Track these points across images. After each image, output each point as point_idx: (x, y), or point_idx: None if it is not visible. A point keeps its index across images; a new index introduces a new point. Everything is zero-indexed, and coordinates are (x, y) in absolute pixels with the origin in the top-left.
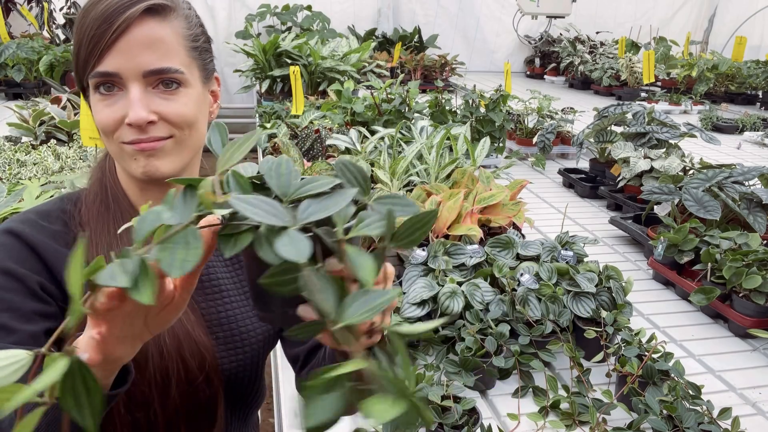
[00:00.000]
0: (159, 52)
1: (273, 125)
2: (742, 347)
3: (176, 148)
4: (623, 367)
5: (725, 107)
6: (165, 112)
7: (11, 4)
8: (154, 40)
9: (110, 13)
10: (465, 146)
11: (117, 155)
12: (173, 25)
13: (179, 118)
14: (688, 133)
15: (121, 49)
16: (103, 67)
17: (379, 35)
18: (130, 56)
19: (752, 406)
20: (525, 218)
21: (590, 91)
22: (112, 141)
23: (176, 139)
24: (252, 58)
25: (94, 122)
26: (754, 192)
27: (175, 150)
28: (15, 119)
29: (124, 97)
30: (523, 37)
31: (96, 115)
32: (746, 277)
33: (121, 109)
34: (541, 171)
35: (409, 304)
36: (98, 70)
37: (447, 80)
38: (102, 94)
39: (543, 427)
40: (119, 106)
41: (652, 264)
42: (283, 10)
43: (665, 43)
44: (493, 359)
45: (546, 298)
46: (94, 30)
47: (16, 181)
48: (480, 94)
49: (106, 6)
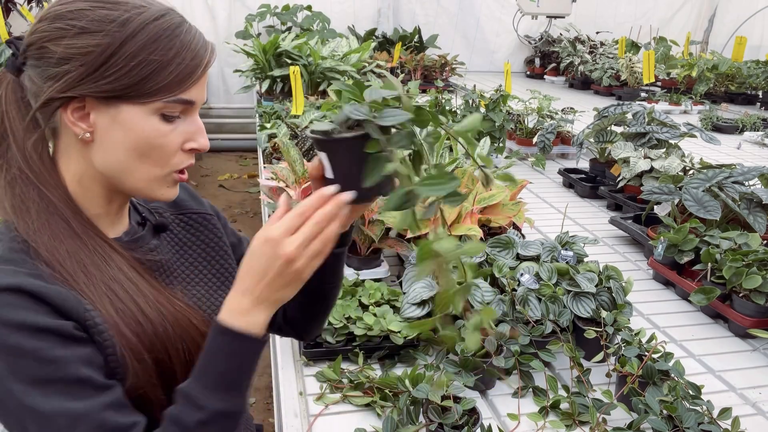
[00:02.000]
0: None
1: (273, 125)
2: (742, 347)
3: None
4: (623, 367)
5: (725, 107)
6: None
7: (11, 4)
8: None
9: (200, 48)
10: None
11: (151, 179)
12: None
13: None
14: (688, 133)
15: (200, 82)
16: (187, 95)
17: (379, 35)
18: (202, 89)
19: (752, 406)
20: (525, 218)
21: (590, 91)
22: (161, 165)
23: None
24: (252, 58)
25: (129, 142)
26: (754, 192)
27: None
28: None
29: (182, 123)
30: (523, 37)
31: (153, 138)
32: (746, 277)
33: (183, 134)
34: (541, 171)
35: (409, 304)
36: (183, 98)
37: (447, 80)
38: (165, 117)
39: (543, 427)
40: (181, 131)
41: (652, 264)
42: (283, 10)
43: (665, 43)
44: (493, 359)
45: (546, 298)
46: (189, 60)
47: None
48: (480, 94)
49: (193, 38)
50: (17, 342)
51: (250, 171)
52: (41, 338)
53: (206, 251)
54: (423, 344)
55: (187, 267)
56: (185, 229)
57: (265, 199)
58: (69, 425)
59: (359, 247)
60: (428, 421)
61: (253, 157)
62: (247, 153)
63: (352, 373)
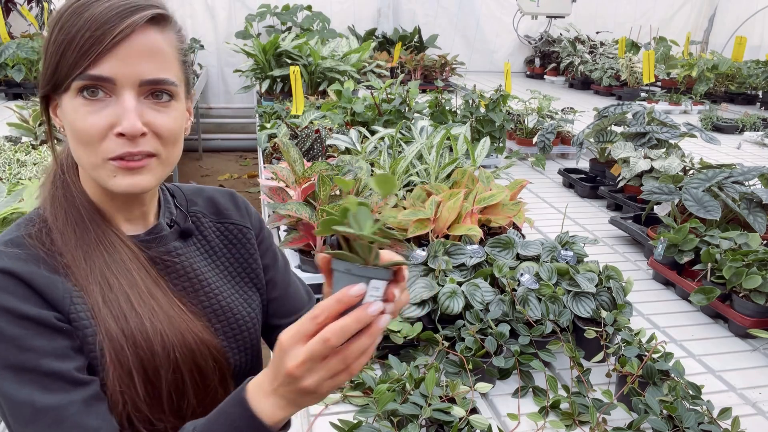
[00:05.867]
0: (157, 62)
1: (273, 125)
2: (742, 347)
3: (159, 166)
4: (623, 367)
5: (725, 107)
6: (156, 125)
7: (11, 4)
8: (155, 50)
9: (112, 16)
10: (465, 146)
11: (92, 167)
12: (170, 36)
13: (168, 132)
14: (688, 133)
15: (119, 55)
16: (97, 70)
17: (379, 35)
18: (129, 63)
19: (752, 406)
20: (525, 218)
21: (590, 91)
22: (93, 152)
23: (159, 159)
24: (252, 58)
25: (68, 130)
26: (754, 192)
27: (158, 167)
28: (15, 119)
29: (112, 104)
30: (523, 37)
31: (76, 122)
32: (746, 277)
33: (109, 117)
34: (541, 171)
35: (409, 304)
36: (91, 73)
37: (447, 80)
38: (86, 99)
39: (543, 427)
40: (107, 114)
41: (652, 264)
42: (283, 10)
43: (665, 43)
44: (493, 359)
45: (546, 298)
46: (92, 31)
47: (16, 181)
48: (480, 94)
49: (106, 8)
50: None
51: (250, 171)
52: (23, 326)
53: (235, 264)
54: (423, 344)
55: (216, 274)
56: (219, 238)
57: (265, 199)
58: (31, 417)
59: None
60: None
61: (253, 157)
62: (247, 153)
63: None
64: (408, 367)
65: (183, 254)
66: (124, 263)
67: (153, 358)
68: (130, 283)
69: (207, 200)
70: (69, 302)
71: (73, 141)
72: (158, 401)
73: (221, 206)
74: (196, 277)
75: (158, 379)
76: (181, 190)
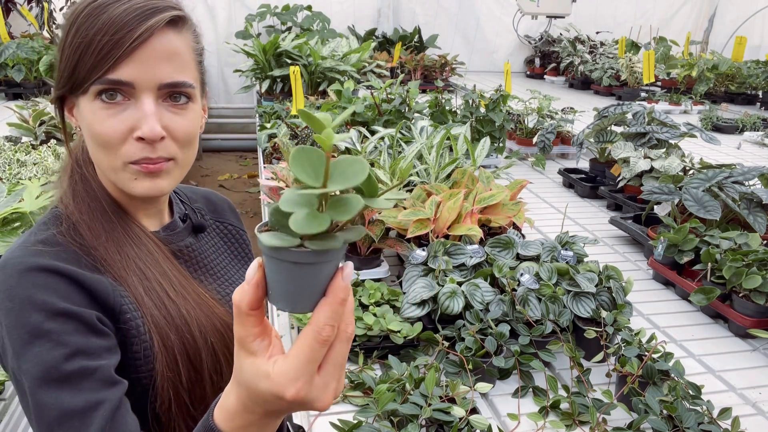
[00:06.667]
0: (176, 64)
1: (273, 125)
2: (742, 347)
3: (176, 168)
4: (623, 367)
5: (725, 107)
6: (173, 129)
7: (11, 4)
8: (173, 53)
9: (130, 19)
10: (465, 146)
11: (112, 170)
12: (187, 37)
13: (185, 136)
14: (688, 133)
15: (138, 59)
16: (116, 75)
17: (379, 35)
18: (148, 67)
19: (752, 406)
20: (525, 218)
21: (590, 91)
22: (114, 155)
23: (176, 162)
24: (252, 58)
25: (85, 132)
26: (754, 192)
27: (176, 170)
28: (15, 119)
29: (131, 107)
30: (523, 37)
31: (95, 125)
32: (746, 277)
33: (128, 121)
34: (541, 171)
35: (409, 304)
36: (110, 77)
37: (447, 80)
38: (105, 102)
39: (543, 427)
40: (126, 117)
41: (652, 264)
42: (283, 10)
43: (665, 43)
44: (493, 359)
45: (546, 298)
46: (111, 35)
47: (16, 181)
48: (480, 94)
49: (124, 11)
50: (37, 321)
51: (250, 171)
52: (61, 321)
53: (236, 261)
54: (423, 344)
55: (222, 269)
56: (220, 236)
57: (265, 199)
58: (58, 417)
59: (359, 247)
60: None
61: (253, 157)
62: (247, 153)
63: (353, 373)
64: (408, 367)
65: (197, 249)
66: (152, 255)
67: (195, 343)
68: (162, 274)
69: (204, 199)
70: (118, 295)
71: (92, 144)
72: (201, 385)
73: (218, 206)
74: (212, 269)
75: (200, 363)
76: (181, 189)
